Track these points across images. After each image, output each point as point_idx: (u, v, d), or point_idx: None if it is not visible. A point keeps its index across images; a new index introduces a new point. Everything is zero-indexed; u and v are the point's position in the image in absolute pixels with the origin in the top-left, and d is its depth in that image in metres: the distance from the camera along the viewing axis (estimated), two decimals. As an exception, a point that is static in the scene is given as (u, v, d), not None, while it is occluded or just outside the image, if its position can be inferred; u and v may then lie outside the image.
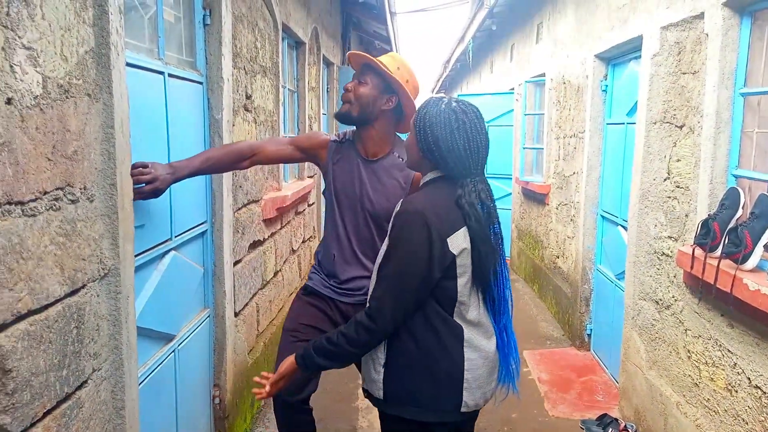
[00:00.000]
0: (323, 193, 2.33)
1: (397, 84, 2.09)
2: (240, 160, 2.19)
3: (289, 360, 1.73)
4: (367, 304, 1.64)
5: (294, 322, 2.21)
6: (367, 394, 1.76)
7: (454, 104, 1.64)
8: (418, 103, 2.10)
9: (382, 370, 1.66)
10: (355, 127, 2.20)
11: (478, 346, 1.66)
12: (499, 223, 1.69)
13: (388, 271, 1.59)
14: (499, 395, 1.74)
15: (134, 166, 1.71)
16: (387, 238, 1.66)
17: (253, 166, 2.30)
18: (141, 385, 1.85)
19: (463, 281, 1.62)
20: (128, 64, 1.70)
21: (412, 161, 1.76)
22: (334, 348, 1.62)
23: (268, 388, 1.75)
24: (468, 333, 1.64)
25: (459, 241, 1.59)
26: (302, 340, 2.15)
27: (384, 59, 2.13)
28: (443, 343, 1.62)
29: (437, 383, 1.62)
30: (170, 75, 2.13)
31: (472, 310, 1.65)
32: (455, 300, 1.62)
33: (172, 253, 2.18)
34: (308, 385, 2.20)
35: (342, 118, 2.15)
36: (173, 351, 2.21)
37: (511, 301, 1.77)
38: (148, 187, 1.77)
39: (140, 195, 1.75)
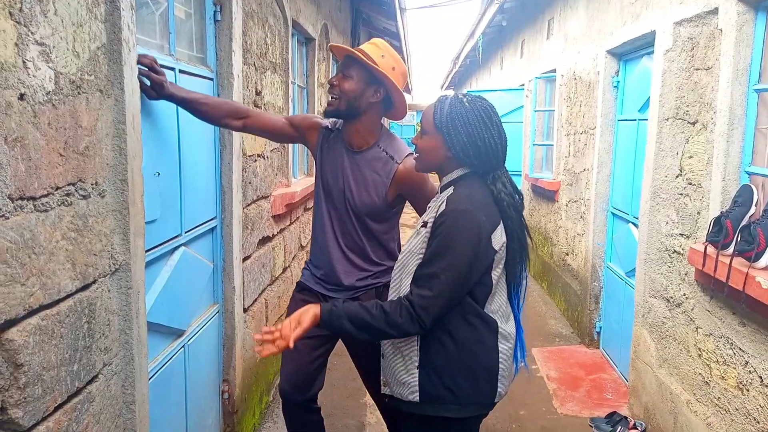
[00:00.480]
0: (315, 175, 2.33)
1: (383, 75, 2.04)
2: (233, 116, 2.16)
3: (313, 311, 1.62)
4: (408, 298, 1.58)
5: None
6: (391, 399, 1.72)
7: (476, 101, 1.65)
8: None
9: (417, 371, 1.64)
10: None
11: (508, 335, 1.68)
12: (523, 216, 1.72)
13: (437, 271, 1.56)
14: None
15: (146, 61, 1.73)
16: (430, 237, 1.60)
17: (244, 130, 2.26)
18: (151, 380, 1.86)
19: (497, 273, 1.65)
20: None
21: (430, 164, 1.72)
22: (370, 320, 1.58)
23: (291, 342, 1.57)
24: (500, 324, 1.66)
25: (499, 237, 1.61)
26: (303, 337, 2.14)
27: (367, 48, 2.08)
28: (480, 337, 1.63)
29: (476, 378, 1.63)
30: (181, 71, 2.14)
31: (499, 297, 1.67)
32: (489, 293, 1.64)
33: (182, 248, 2.19)
34: (315, 383, 2.20)
35: (330, 114, 2.12)
36: (183, 346, 2.22)
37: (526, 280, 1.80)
38: (158, 79, 1.78)
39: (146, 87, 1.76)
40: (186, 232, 2.21)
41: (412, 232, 1.72)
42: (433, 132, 1.66)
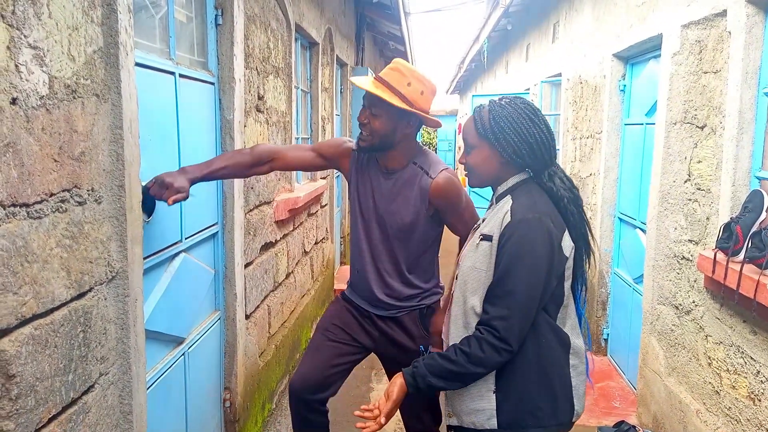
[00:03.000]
0: (349, 198, 2.27)
1: (412, 110, 1.96)
2: (258, 164, 2.10)
3: (398, 382, 1.57)
4: (486, 324, 1.49)
5: (327, 321, 2.22)
6: (459, 430, 1.63)
7: (516, 100, 1.59)
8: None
9: (494, 396, 1.54)
10: None
11: (579, 349, 1.60)
12: (583, 210, 1.64)
13: (513, 287, 1.46)
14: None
15: (151, 188, 1.72)
16: (498, 252, 1.51)
17: (272, 171, 2.24)
18: (149, 389, 1.83)
19: (569, 284, 1.57)
20: (138, 64, 1.68)
21: (484, 177, 1.64)
22: (454, 367, 1.49)
23: (383, 419, 1.54)
24: (571, 338, 1.58)
25: (568, 243, 1.54)
26: (332, 339, 2.17)
27: (391, 78, 1.95)
28: (555, 354, 1.55)
29: (554, 397, 1.55)
30: (181, 75, 2.11)
31: (570, 308, 1.60)
32: (561, 305, 1.56)
33: (183, 255, 2.16)
34: (329, 387, 2.16)
35: (364, 150, 2.06)
36: (183, 354, 2.19)
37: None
38: (171, 199, 1.72)
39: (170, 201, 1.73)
40: (186, 238, 2.18)
41: (468, 246, 1.64)
42: (479, 144, 1.60)
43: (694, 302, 2.71)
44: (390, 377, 2.29)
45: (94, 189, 1.41)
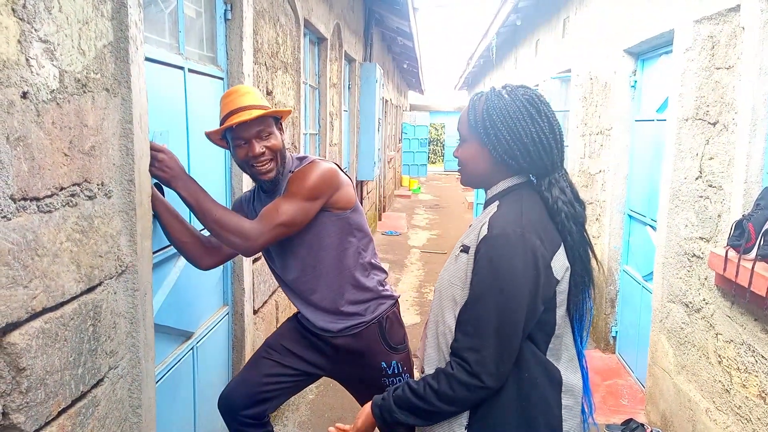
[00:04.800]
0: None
1: (282, 112, 1.89)
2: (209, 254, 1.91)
3: (365, 411, 1.41)
4: (455, 355, 1.29)
5: (274, 338, 2.11)
6: None
7: (518, 90, 1.36)
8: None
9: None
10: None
11: (573, 388, 1.37)
12: (585, 228, 1.39)
13: (484, 313, 1.24)
14: None
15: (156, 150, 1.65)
16: (471, 271, 1.30)
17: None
18: (158, 383, 1.84)
19: (562, 311, 1.34)
20: (147, 59, 1.68)
21: (473, 176, 1.43)
22: (422, 404, 1.29)
23: None
24: (564, 375, 1.35)
25: (561, 263, 1.31)
26: (271, 358, 2.04)
27: (243, 102, 1.81)
28: (541, 392, 1.31)
29: None
30: (190, 70, 2.11)
31: (565, 339, 1.37)
32: (551, 335, 1.33)
33: (192, 249, 2.16)
34: (263, 403, 2.01)
35: (274, 180, 1.87)
36: (191, 348, 2.20)
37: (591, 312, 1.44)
38: (152, 171, 1.64)
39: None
40: (195, 233, 2.18)
41: (449, 257, 1.43)
42: (469, 137, 1.39)
43: (704, 300, 2.68)
44: (358, 400, 2.13)
45: (104, 183, 1.41)
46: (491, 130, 1.33)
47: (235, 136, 1.82)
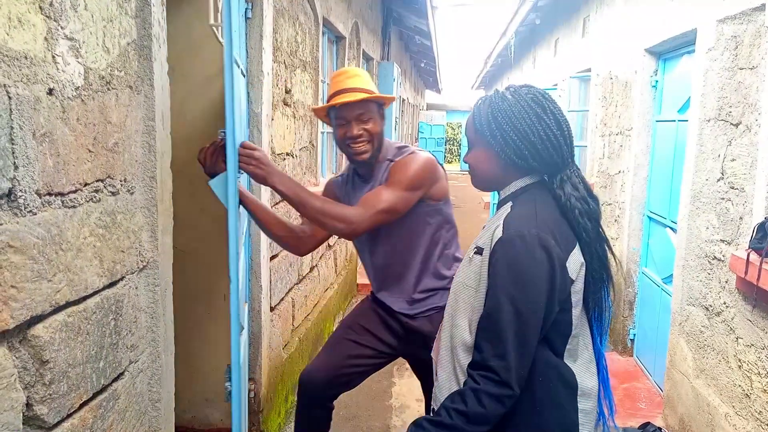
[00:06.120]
0: None
1: (387, 98, 1.97)
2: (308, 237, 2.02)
3: None
4: (479, 368, 1.25)
5: (352, 318, 2.19)
6: None
7: (521, 90, 1.36)
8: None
9: None
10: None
11: (590, 391, 1.34)
12: (600, 224, 1.37)
13: (505, 318, 1.23)
14: None
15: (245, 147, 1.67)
16: (487, 272, 1.29)
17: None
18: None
19: (578, 311, 1.32)
20: (170, 57, 1.70)
21: (485, 180, 1.42)
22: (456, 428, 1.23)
23: None
24: (580, 378, 1.33)
25: (576, 262, 1.29)
26: (351, 339, 2.11)
27: (351, 84, 1.91)
28: (556, 396, 1.29)
29: None
30: (211, 68, 2.13)
31: (583, 340, 1.35)
32: (568, 336, 1.31)
33: (210, 246, 2.18)
34: (338, 386, 2.11)
35: (368, 161, 1.96)
36: (210, 344, 2.22)
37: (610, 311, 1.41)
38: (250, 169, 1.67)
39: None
40: (214, 230, 2.20)
41: (464, 259, 1.42)
42: (477, 141, 1.39)
43: (725, 303, 2.65)
44: (420, 377, 2.24)
45: (127, 179, 1.43)
46: (497, 132, 1.33)
47: (338, 115, 1.93)
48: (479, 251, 1.33)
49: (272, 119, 2.71)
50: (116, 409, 1.42)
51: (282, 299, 3.09)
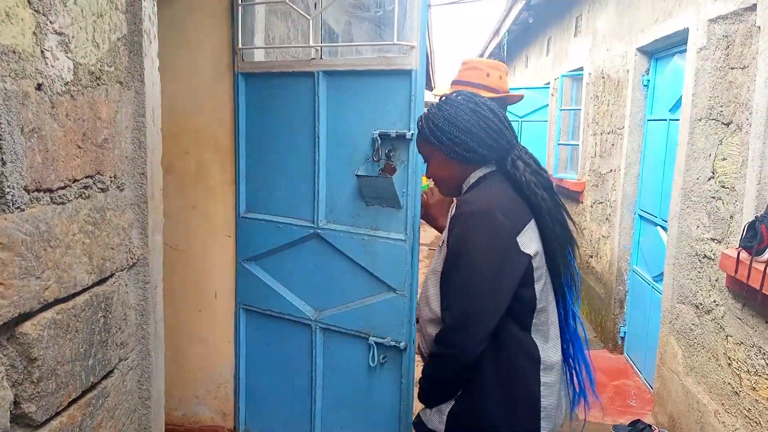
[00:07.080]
0: None
1: (511, 96, 2.08)
2: None
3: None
4: (440, 334, 1.41)
5: None
6: (418, 424, 1.55)
7: (451, 97, 1.49)
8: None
9: (448, 406, 1.45)
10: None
11: (553, 364, 1.44)
12: (556, 193, 1.48)
13: (459, 284, 1.35)
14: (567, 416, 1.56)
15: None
16: (445, 247, 1.42)
17: None
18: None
19: (541, 285, 1.41)
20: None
21: (451, 184, 1.54)
22: (425, 390, 1.48)
23: None
24: (544, 353, 1.42)
25: (531, 238, 1.39)
26: None
27: (469, 77, 1.98)
28: (519, 370, 1.39)
29: (514, 417, 1.40)
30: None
31: (546, 314, 1.44)
32: (534, 310, 1.41)
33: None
34: None
35: None
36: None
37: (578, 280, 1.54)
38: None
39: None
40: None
41: (437, 250, 1.54)
42: (429, 152, 1.51)
43: (714, 302, 2.66)
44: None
45: (117, 176, 1.42)
46: (443, 136, 1.45)
47: None
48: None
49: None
50: (106, 407, 1.41)
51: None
